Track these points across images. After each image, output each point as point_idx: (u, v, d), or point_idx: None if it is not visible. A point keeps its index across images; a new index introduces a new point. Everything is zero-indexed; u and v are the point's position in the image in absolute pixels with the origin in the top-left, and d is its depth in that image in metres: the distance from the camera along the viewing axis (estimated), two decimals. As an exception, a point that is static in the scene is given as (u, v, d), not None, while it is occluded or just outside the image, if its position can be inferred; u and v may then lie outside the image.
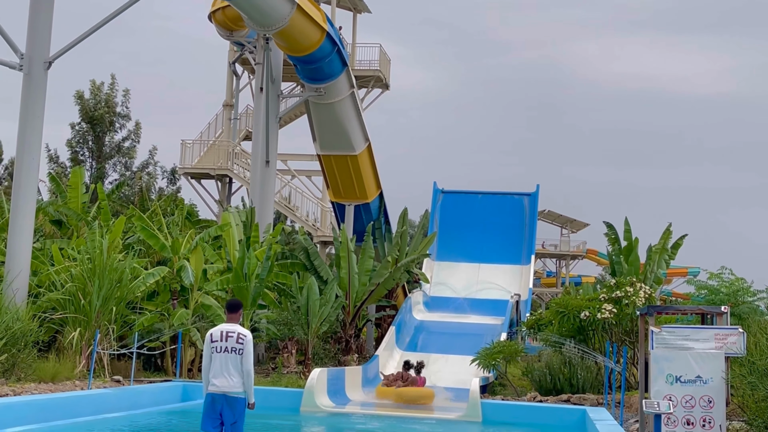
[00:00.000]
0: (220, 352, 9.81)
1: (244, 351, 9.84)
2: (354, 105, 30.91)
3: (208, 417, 9.77)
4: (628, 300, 20.13)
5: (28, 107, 20.21)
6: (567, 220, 62.94)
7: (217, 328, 10.03)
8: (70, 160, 40.21)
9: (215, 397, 9.76)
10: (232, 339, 9.85)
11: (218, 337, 9.88)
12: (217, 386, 9.74)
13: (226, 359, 9.79)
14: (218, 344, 9.84)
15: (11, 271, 19.39)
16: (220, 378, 9.75)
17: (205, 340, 10.00)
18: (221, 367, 9.77)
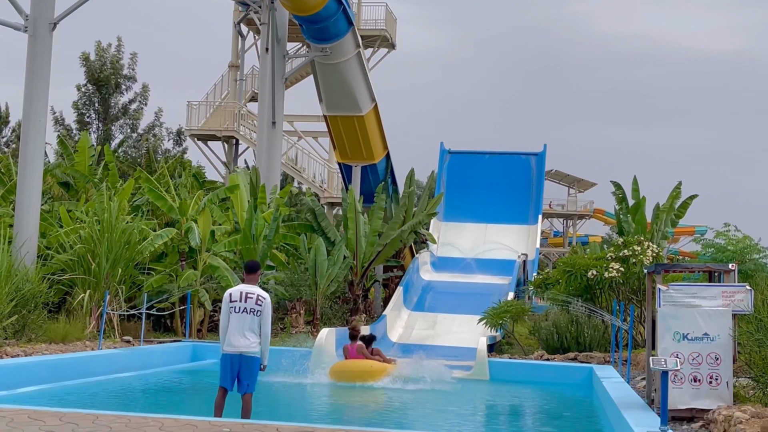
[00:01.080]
0: (238, 312, 9.86)
1: (262, 313, 9.91)
2: (360, 65, 30.75)
3: (227, 375, 9.88)
4: (635, 259, 20.13)
5: (34, 69, 20.17)
6: (574, 179, 62.81)
7: (236, 288, 10.07)
8: (77, 122, 40.19)
9: (233, 358, 9.84)
10: (251, 300, 9.90)
11: (237, 297, 9.93)
12: (235, 346, 9.81)
13: (243, 320, 9.84)
14: (237, 304, 9.89)
15: (20, 233, 19.46)
16: (236, 337, 9.81)
17: (223, 299, 10.06)
18: (238, 327, 9.83)
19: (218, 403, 9.89)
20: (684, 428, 10.17)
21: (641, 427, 9.16)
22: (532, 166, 35.25)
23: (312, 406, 14.06)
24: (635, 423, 9.54)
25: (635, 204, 25.35)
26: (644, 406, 11.28)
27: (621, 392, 12.52)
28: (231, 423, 8.75)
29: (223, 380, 9.90)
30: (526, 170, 35.14)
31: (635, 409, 10.84)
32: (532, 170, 35.12)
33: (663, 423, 8.76)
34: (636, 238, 21.27)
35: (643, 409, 10.88)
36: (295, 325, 23.21)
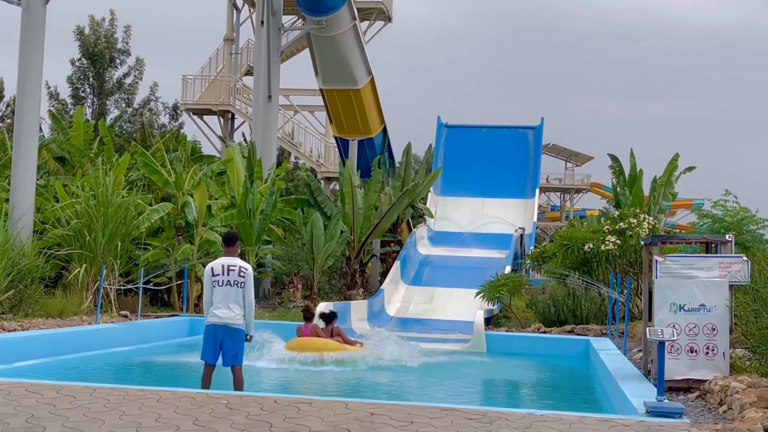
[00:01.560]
0: (222, 286, 9.89)
1: (245, 284, 9.94)
2: (356, 38, 30.57)
3: (209, 347, 9.92)
4: (632, 231, 20.14)
5: (28, 43, 20.03)
6: (571, 153, 62.73)
7: (217, 262, 10.08)
8: (71, 96, 40.01)
9: (216, 328, 9.86)
10: (233, 272, 9.93)
11: (220, 270, 9.94)
12: (219, 317, 9.84)
13: (228, 292, 9.87)
14: (220, 278, 9.91)
15: (16, 208, 19.41)
16: (221, 309, 9.84)
17: (205, 274, 10.06)
18: (223, 300, 9.86)
19: (205, 380, 9.94)
20: (680, 399, 10.20)
21: (638, 398, 9.18)
22: (530, 139, 35.18)
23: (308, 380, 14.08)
24: (632, 394, 9.56)
25: (632, 177, 25.36)
26: (641, 377, 11.31)
27: (618, 364, 12.55)
28: (229, 395, 8.76)
29: (205, 353, 9.92)
30: (524, 144, 35.08)
31: (632, 380, 10.86)
32: (530, 144, 35.07)
33: (659, 393, 8.78)
34: (632, 211, 21.27)
35: (640, 380, 10.91)
36: (292, 300, 23.24)
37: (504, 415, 8.09)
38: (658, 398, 8.71)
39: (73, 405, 7.90)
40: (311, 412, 7.94)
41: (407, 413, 8.02)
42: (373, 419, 7.68)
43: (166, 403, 8.15)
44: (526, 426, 7.61)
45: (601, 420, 8.09)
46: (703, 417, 8.98)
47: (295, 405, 8.25)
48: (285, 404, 8.28)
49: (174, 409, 7.86)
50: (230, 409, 7.93)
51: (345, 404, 8.41)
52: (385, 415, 7.86)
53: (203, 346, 9.98)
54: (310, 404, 8.33)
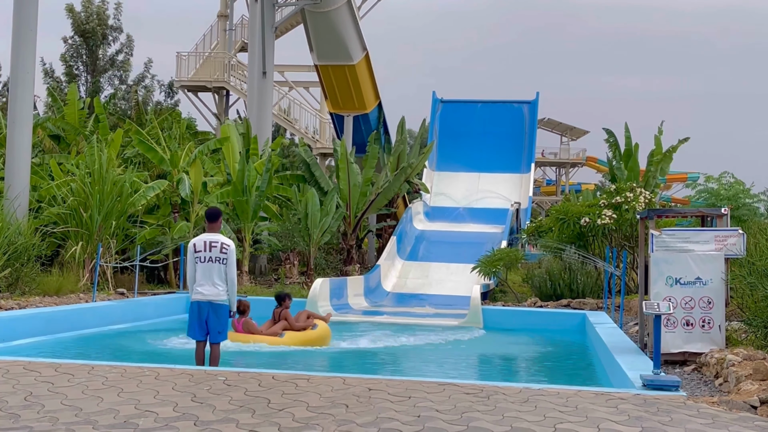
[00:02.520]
0: (204, 262, 9.98)
1: (228, 260, 10.03)
2: (351, 13, 30.44)
3: (195, 324, 10.03)
4: (627, 205, 20.17)
5: (21, 21, 19.91)
6: (567, 127, 62.67)
7: (199, 238, 10.13)
8: (65, 74, 39.85)
9: (201, 305, 9.99)
10: (215, 249, 10.01)
11: (202, 247, 10.01)
12: (204, 294, 9.96)
13: (210, 268, 9.97)
14: (202, 254, 9.99)
15: (12, 187, 19.37)
16: (205, 286, 9.95)
17: (188, 250, 10.12)
18: (206, 276, 9.97)
19: (199, 357, 10.05)
20: (677, 371, 10.24)
21: (634, 371, 9.22)
22: (525, 114, 35.14)
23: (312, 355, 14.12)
24: (628, 367, 9.60)
25: (627, 151, 25.36)
26: (637, 350, 11.35)
27: (614, 337, 12.60)
28: (227, 372, 8.78)
29: (191, 330, 10.04)
30: (519, 118, 35.05)
31: (628, 353, 10.91)
32: (525, 118, 35.03)
33: (656, 366, 8.81)
34: (628, 185, 21.28)
35: (636, 354, 10.96)
36: (289, 276, 23.26)
37: (501, 390, 8.13)
38: (655, 371, 8.75)
39: (71, 383, 7.92)
40: (309, 387, 7.97)
41: (405, 388, 8.05)
42: (371, 394, 7.71)
43: (164, 380, 8.18)
44: (523, 400, 7.64)
45: (598, 393, 8.12)
46: (699, 390, 9.02)
47: (293, 381, 8.28)
48: (283, 380, 8.31)
49: (172, 386, 7.89)
50: (228, 386, 7.95)
51: (342, 380, 8.44)
52: (383, 390, 7.89)
53: (189, 323, 10.12)
54: (308, 380, 8.36)
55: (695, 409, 7.46)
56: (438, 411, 7.06)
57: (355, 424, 6.57)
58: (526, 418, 6.87)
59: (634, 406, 7.51)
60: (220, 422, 6.52)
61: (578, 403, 7.59)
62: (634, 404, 7.62)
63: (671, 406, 7.57)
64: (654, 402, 7.75)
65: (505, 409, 7.20)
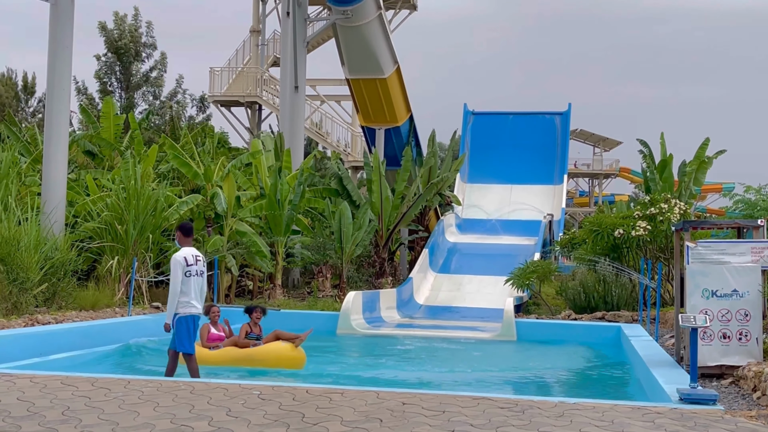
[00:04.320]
0: (195, 275, 10.23)
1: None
2: (382, 27, 30.54)
3: (191, 339, 10.30)
4: (662, 217, 20.00)
5: (57, 38, 20.18)
6: (599, 138, 62.31)
7: (187, 252, 10.32)
8: (99, 91, 40.34)
9: (194, 319, 10.30)
10: (201, 262, 10.35)
11: (192, 261, 10.26)
12: (197, 308, 10.28)
13: (198, 282, 10.30)
14: (193, 268, 10.24)
15: (48, 202, 19.60)
16: (196, 300, 10.26)
17: (177, 264, 10.18)
18: (196, 290, 10.26)
19: (195, 369, 10.29)
20: (714, 385, 10.14)
21: (671, 385, 9.14)
22: (557, 125, 35.04)
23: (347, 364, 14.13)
24: (665, 380, 9.52)
25: (662, 161, 25.13)
26: (673, 363, 11.25)
27: (650, 350, 12.49)
28: (261, 386, 8.81)
29: (186, 345, 10.26)
30: (551, 130, 34.95)
31: (664, 366, 10.81)
32: (557, 130, 34.93)
33: (693, 380, 8.73)
34: (663, 196, 21.12)
35: (673, 367, 10.86)
36: (321, 289, 23.31)
37: (536, 404, 8.09)
38: (692, 385, 8.66)
39: (107, 397, 7.99)
40: (343, 401, 7.97)
41: (439, 402, 8.03)
42: (405, 408, 7.70)
43: (199, 394, 8.22)
44: (559, 414, 7.60)
45: (634, 407, 8.06)
46: (736, 403, 8.92)
47: (327, 395, 8.29)
48: (317, 394, 8.33)
49: (207, 400, 7.93)
50: (262, 400, 7.98)
51: (376, 394, 8.44)
52: (417, 405, 7.88)
53: (183, 338, 10.22)
54: (342, 394, 8.37)
55: (733, 423, 7.38)
56: (472, 426, 7.04)
57: (390, 438, 6.56)
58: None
59: (671, 421, 7.44)
60: (255, 437, 6.54)
61: (614, 417, 7.54)
62: (671, 419, 7.55)
63: (709, 421, 7.49)
64: (691, 416, 7.67)
65: (540, 424, 7.16)
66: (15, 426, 6.76)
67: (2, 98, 42.50)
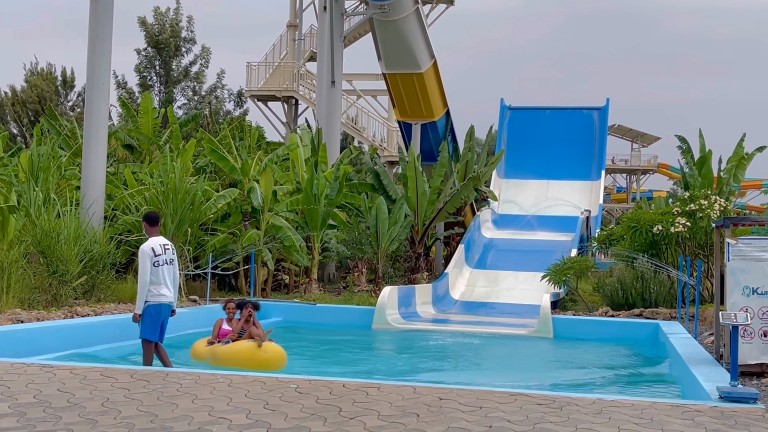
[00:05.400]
0: (162, 265, 10.38)
1: (175, 261, 10.59)
2: (419, 21, 30.48)
3: (156, 327, 10.39)
4: (702, 213, 19.78)
5: (96, 32, 20.36)
6: (637, 134, 61.70)
7: (155, 242, 10.48)
8: (139, 85, 40.68)
9: (162, 308, 10.40)
10: (169, 251, 10.53)
11: (160, 250, 10.42)
12: (166, 297, 10.40)
13: (168, 271, 10.46)
14: (162, 257, 10.40)
15: (87, 195, 19.80)
16: (164, 289, 10.38)
17: (145, 255, 10.33)
18: (164, 279, 10.40)
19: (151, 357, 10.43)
20: (754, 383, 10.01)
21: (710, 383, 9.04)
22: (595, 120, 34.76)
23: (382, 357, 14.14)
24: (704, 378, 9.41)
25: (701, 158, 24.84)
26: (713, 361, 11.13)
27: (689, 348, 12.37)
28: (299, 380, 8.84)
29: (152, 333, 10.36)
30: (589, 125, 34.68)
31: (704, 364, 10.69)
32: (595, 125, 34.65)
33: (733, 378, 8.62)
34: (703, 192, 20.89)
35: (712, 365, 10.74)
36: (357, 284, 23.34)
37: (574, 401, 8.03)
38: (732, 383, 8.56)
39: (147, 389, 8.05)
40: (379, 396, 7.97)
41: (476, 398, 8.00)
42: (442, 404, 7.68)
43: (237, 387, 8.27)
44: (597, 411, 7.54)
45: (674, 405, 7.97)
46: (778, 402, 8.80)
47: (364, 389, 8.30)
48: (354, 388, 8.34)
49: (245, 393, 7.97)
50: (300, 394, 8.00)
51: (413, 388, 8.43)
52: (454, 400, 7.86)
53: (149, 326, 10.33)
54: (379, 388, 8.37)
55: (775, 423, 7.28)
56: (510, 421, 7.00)
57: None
58: (600, 430, 6.78)
59: (710, 419, 7.36)
60: (292, 430, 6.56)
61: (653, 415, 7.47)
62: (710, 417, 7.46)
63: (749, 419, 7.40)
64: (731, 415, 7.58)
65: (579, 421, 7.11)
66: (55, 417, 6.84)
67: (43, 92, 42.99)
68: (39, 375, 8.60)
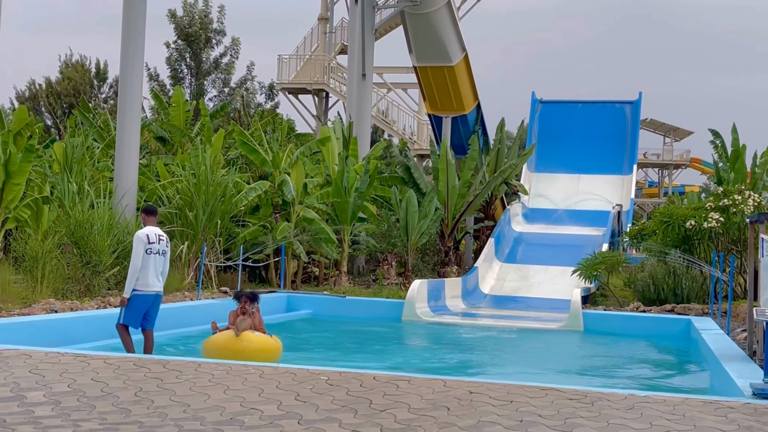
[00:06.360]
0: (156, 254, 10.55)
1: (167, 253, 10.76)
2: (450, 14, 30.40)
3: (139, 315, 10.61)
4: (735, 208, 19.60)
5: (130, 25, 20.50)
6: (670, 128, 61.18)
7: (150, 231, 10.64)
8: (170, 77, 40.92)
9: (147, 297, 10.59)
10: (163, 242, 10.68)
11: (154, 239, 10.58)
12: (152, 287, 10.58)
13: (158, 261, 10.63)
14: (155, 246, 10.56)
15: (120, 187, 19.97)
16: (153, 278, 10.55)
17: (139, 241, 10.53)
18: (155, 268, 10.57)
19: (129, 341, 10.63)
20: (788, 381, 9.90)
21: (743, 379, 8.96)
22: (627, 114, 34.53)
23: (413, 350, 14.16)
24: (737, 375, 9.34)
25: (734, 152, 24.62)
26: (745, 357, 11.03)
27: (721, 344, 12.26)
28: (329, 371, 8.86)
29: (133, 320, 10.59)
30: (621, 119, 34.46)
31: (736, 361, 10.60)
32: (627, 119, 34.42)
33: (766, 375, 8.54)
34: (736, 188, 20.70)
35: (745, 361, 10.64)
36: (386, 277, 23.36)
37: (605, 396, 7.99)
38: (765, 380, 8.48)
39: (179, 379, 8.12)
40: (410, 389, 7.98)
41: (506, 392, 7.99)
42: (472, 397, 7.68)
43: (268, 378, 8.31)
44: (629, 407, 7.50)
45: (706, 402, 7.91)
46: (812, 400, 8.70)
47: (394, 382, 8.31)
48: (384, 381, 8.35)
49: (276, 384, 8.01)
50: (330, 386, 8.03)
51: (443, 382, 8.42)
52: (484, 394, 7.85)
53: (131, 313, 10.53)
54: (409, 381, 8.38)
55: (809, 421, 7.20)
56: (541, 416, 6.99)
57: (457, 427, 6.55)
58: (632, 426, 6.75)
59: (743, 416, 7.29)
60: (323, 421, 6.59)
61: (685, 411, 7.41)
62: (744, 413, 7.40)
63: (784, 417, 7.32)
64: (765, 411, 7.51)
65: (610, 416, 7.08)
66: (89, 406, 6.91)
67: (77, 85, 43.37)
68: (73, 364, 8.69)
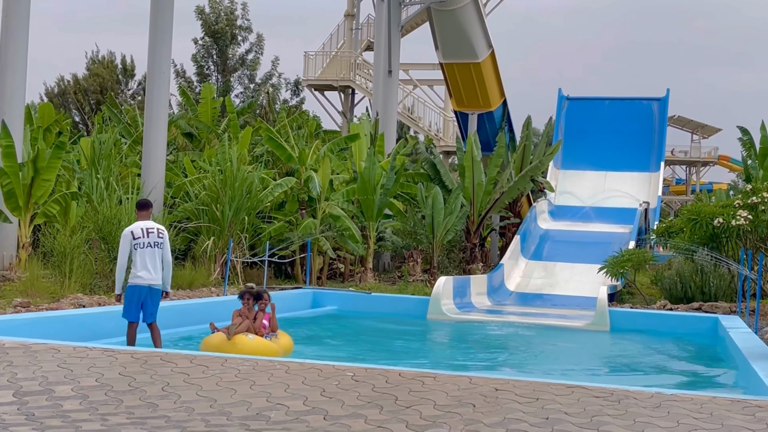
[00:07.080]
0: (143, 248, 10.62)
1: (164, 244, 10.77)
2: (477, 11, 30.33)
3: (133, 307, 10.65)
4: (764, 206, 19.41)
5: (157, 22, 20.63)
6: (698, 125, 60.69)
7: (136, 226, 10.74)
8: (197, 74, 41.14)
9: (141, 289, 10.63)
10: (153, 235, 10.70)
11: (140, 233, 10.66)
12: (143, 278, 10.61)
13: (149, 254, 10.63)
14: (141, 240, 10.63)
15: (147, 182, 20.11)
16: (143, 271, 10.60)
17: (124, 238, 10.69)
18: (144, 262, 10.61)
19: (132, 337, 10.69)
20: (817, 380, 9.81)
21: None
22: (654, 111, 34.25)
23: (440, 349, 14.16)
24: (765, 374, 9.26)
25: (763, 149, 24.38)
26: (774, 357, 10.92)
27: (749, 342, 12.16)
28: (355, 368, 8.88)
29: (129, 313, 10.68)
30: (648, 116, 34.18)
31: (764, 359, 10.50)
32: (654, 116, 34.14)
33: (796, 375, 8.47)
34: (765, 185, 20.49)
35: (774, 360, 10.54)
36: (412, 274, 23.37)
37: (632, 394, 7.95)
38: (794, 380, 8.41)
39: (205, 374, 8.16)
40: (435, 385, 7.98)
41: (532, 389, 7.97)
42: (498, 395, 7.66)
43: (294, 374, 8.34)
44: (655, 405, 7.46)
45: (734, 400, 7.85)
46: (842, 400, 8.61)
47: (420, 378, 8.31)
48: (410, 377, 8.35)
49: (302, 380, 8.03)
50: (356, 382, 8.04)
51: (469, 379, 8.41)
52: (510, 391, 7.84)
53: (126, 306, 10.70)
54: (435, 378, 8.38)
55: (839, 421, 7.13)
56: (567, 414, 6.96)
57: (483, 424, 6.55)
58: (659, 424, 6.71)
59: (772, 416, 7.23)
60: (349, 417, 6.61)
61: (713, 409, 7.36)
62: (772, 413, 7.34)
63: (813, 417, 7.25)
64: (794, 412, 7.44)
65: (637, 414, 7.04)
66: (117, 400, 6.97)
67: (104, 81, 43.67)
68: (101, 359, 8.76)
